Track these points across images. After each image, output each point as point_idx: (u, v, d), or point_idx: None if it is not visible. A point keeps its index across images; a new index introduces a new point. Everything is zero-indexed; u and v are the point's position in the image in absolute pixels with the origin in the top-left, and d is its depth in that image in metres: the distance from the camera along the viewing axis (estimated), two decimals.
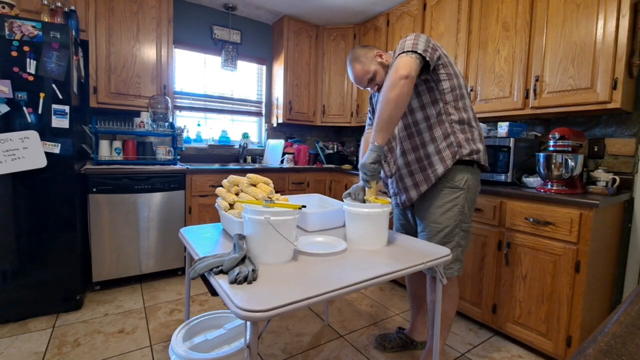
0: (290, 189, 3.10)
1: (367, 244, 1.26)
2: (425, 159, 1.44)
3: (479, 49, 2.26)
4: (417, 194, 1.47)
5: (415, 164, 1.46)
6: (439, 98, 1.40)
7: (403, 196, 1.53)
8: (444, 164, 1.40)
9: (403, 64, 1.27)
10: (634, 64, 1.71)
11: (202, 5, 3.14)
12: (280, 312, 0.78)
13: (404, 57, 1.29)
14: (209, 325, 1.46)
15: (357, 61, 1.50)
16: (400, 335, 1.79)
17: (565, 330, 1.60)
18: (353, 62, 1.52)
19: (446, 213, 1.43)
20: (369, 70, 1.49)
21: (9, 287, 1.88)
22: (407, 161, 1.48)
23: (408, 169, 1.48)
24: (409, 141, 1.48)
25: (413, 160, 1.46)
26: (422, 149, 1.44)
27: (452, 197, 1.43)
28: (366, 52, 1.52)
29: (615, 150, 1.93)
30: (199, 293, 2.36)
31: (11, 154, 1.82)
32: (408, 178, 1.49)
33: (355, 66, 1.51)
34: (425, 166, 1.44)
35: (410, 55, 1.29)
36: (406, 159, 1.48)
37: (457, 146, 1.40)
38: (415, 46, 1.30)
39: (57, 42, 1.89)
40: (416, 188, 1.47)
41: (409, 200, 1.50)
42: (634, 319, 0.45)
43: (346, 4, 3.04)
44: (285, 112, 3.39)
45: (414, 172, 1.47)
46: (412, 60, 1.28)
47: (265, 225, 1.00)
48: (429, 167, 1.43)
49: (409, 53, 1.29)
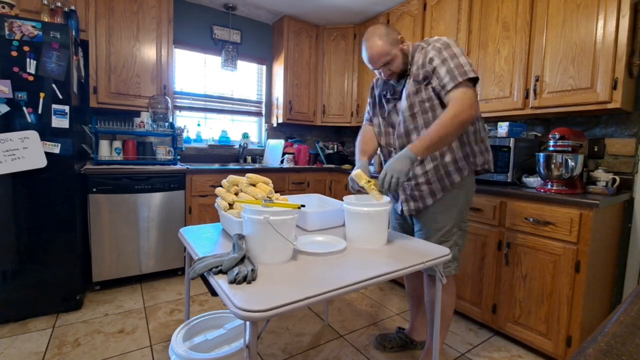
0: (290, 189, 3.10)
1: (366, 242, 1.26)
2: (442, 168, 1.43)
3: (479, 49, 2.26)
4: (433, 201, 1.46)
5: (433, 173, 1.43)
6: None
7: (417, 203, 1.48)
8: (461, 174, 1.43)
9: (472, 102, 1.27)
10: (634, 64, 1.71)
11: (202, 5, 3.14)
12: (279, 312, 0.78)
13: (470, 92, 1.28)
14: (209, 325, 1.46)
15: (380, 37, 1.36)
16: (400, 335, 1.78)
17: (565, 330, 1.60)
18: (373, 37, 1.37)
19: (444, 213, 1.44)
20: (389, 52, 1.37)
21: (9, 287, 1.88)
22: (425, 170, 1.44)
23: (426, 177, 1.45)
24: None
25: (431, 169, 1.43)
26: (441, 158, 1.42)
27: (450, 197, 1.44)
28: (390, 32, 1.39)
29: (615, 150, 1.93)
30: (199, 293, 2.36)
31: (11, 154, 1.82)
32: (425, 186, 1.46)
33: (375, 42, 1.36)
34: (443, 176, 1.43)
35: (472, 88, 1.30)
36: (424, 168, 1.44)
37: (472, 156, 1.44)
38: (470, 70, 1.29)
39: (57, 42, 1.89)
40: (432, 196, 1.45)
41: (424, 206, 1.48)
42: (634, 319, 0.45)
43: (346, 4, 3.04)
44: (285, 112, 3.39)
45: (431, 180, 1.44)
46: (475, 96, 1.30)
47: (264, 225, 1.00)
48: (446, 177, 1.43)
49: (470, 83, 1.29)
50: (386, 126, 1.55)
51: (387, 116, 1.54)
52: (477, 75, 1.30)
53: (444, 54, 1.33)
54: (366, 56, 1.41)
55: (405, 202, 1.52)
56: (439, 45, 1.35)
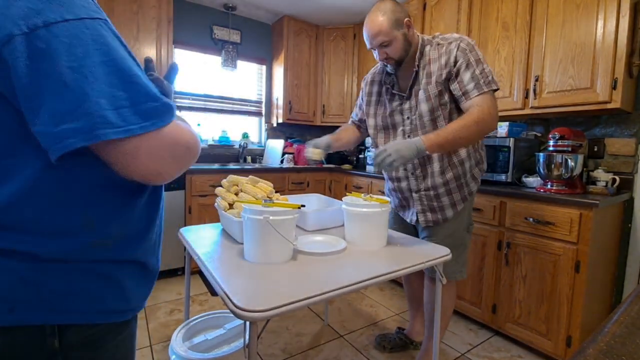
0: (290, 188, 3.10)
1: (366, 244, 1.25)
2: (462, 177, 1.40)
3: (479, 49, 2.25)
4: (453, 213, 1.41)
5: (454, 183, 1.39)
6: None
7: (437, 215, 1.43)
8: (477, 182, 1.44)
9: (495, 113, 1.24)
10: (634, 64, 1.71)
11: (202, 5, 3.14)
12: (279, 312, 0.78)
13: (494, 100, 1.25)
14: (209, 325, 1.46)
15: (383, 13, 1.24)
16: (399, 336, 1.78)
17: (565, 330, 1.60)
18: (377, 11, 1.25)
19: (459, 224, 1.45)
20: (389, 32, 1.25)
21: None
22: (446, 179, 1.39)
23: (446, 187, 1.39)
24: (447, 159, 1.37)
25: (451, 178, 1.38)
26: (460, 166, 1.38)
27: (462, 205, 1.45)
28: (397, 10, 1.26)
29: (615, 150, 1.93)
30: (198, 293, 2.36)
31: None
32: (445, 197, 1.40)
33: (376, 17, 1.25)
34: (463, 185, 1.40)
35: (494, 97, 1.27)
36: (444, 177, 1.38)
37: (480, 162, 1.45)
38: (494, 80, 1.27)
39: None
40: (453, 208, 1.41)
41: (444, 219, 1.42)
42: (634, 319, 0.45)
43: (346, 4, 3.04)
44: (285, 112, 3.39)
45: (452, 191, 1.40)
46: (496, 106, 1.27)
47: (264, 225, 1.00)
48: (465, 186, 1.41)
49: (493, 94, 1.27)
50: (386, 127, 1.48)
51: (389, 115, 1.46)
52: (498, 87, 1.28)
53: (469, 56, 1.26)
54: (365, 32, 1.30)
55: (422, 213, 1.45)
56: (464, 46, 1.27)
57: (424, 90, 1.33)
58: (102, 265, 0.50)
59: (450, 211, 1.41)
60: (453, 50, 1.28)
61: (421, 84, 1.34)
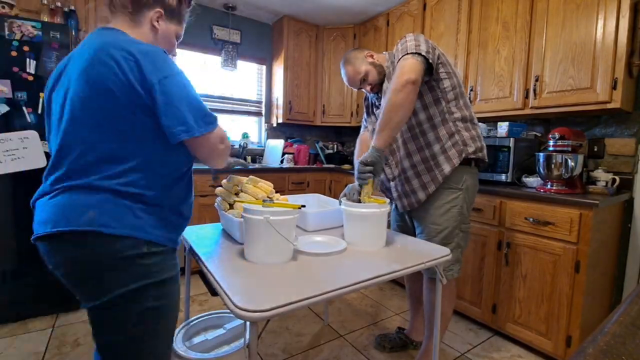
0: (290, 189, 3.10)
1: (364, 244, 1.24)
2: (431, 160, 1.42)
3: (479, 49, 2.26)
4: (425, 196, 1.44)
5: (422, 165, 1.44)
6: (441, 97, 1.39)
7: (410, 199, 1.49)
8: (451, 163, 1.40)
9: (409, 68, 1.25)
10: (634, 64, 1.71)
11: (202, 5, 3.14)
12: (280, 312, 0.78)
13: (409, 59, 1.27)
14: (209, 325, 1.46)
15: (348, 63, 1.53)
16: (399, 335, 1.79)
17: (565, 330, 1.60)
18: (345, 64, 1.54)
19: (445, 214, 1.43)
20: (360, 71, 1.50)
21: (9, 287, 1.88)
22: (413, 163, 1.45)
23: (414, 170, 1.45)
24: (413, 142, 1.45)
25: (419, 161, 1.44)
26: (428, 149, 1.42)
27: (451, 198, 1.42)
28: (356, 54, 1.54)
29: (615, 150, 1.93)
30: (199, 293, 2.36)
31: (11, 154, 1.81)
32: (415, 180, 1.46)
33: (347, 68, 1.53)
34: (432, 166, 1.42)
35: (415, 58, 1.27)
36: (411, 160, 1.46)
37: (462, 144, 1.40)
38: (418, 48, 1.28)
39: (56, 42, 1.89)
40: (424, 190, 1.44)
41: (417, 202, 1.47)
42: (634, 319, 0.45)
43: (346, 4, 3.04)
44: (285, 112, 3.39)
45: (421, 173, 1.44)
46: (417, 64, 1.26)
47: (265, 225, 1.00)
48: (436, 168, 1.41)
49: (414, 55, 1.27)
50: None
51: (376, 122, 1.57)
52: (420, 52, 1.27)
53: (399, 46, 1.35)
54: (346, 82, 1.58)
55: (398, 199, 1.54)
56: (402, 40, 1.37)
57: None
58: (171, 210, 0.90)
59: (422, 193, 1.45)
60: (397, 47, 1.37)
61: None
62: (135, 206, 0.82)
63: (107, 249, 0.78)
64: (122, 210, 0.80)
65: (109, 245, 0.78)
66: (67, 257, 0.80)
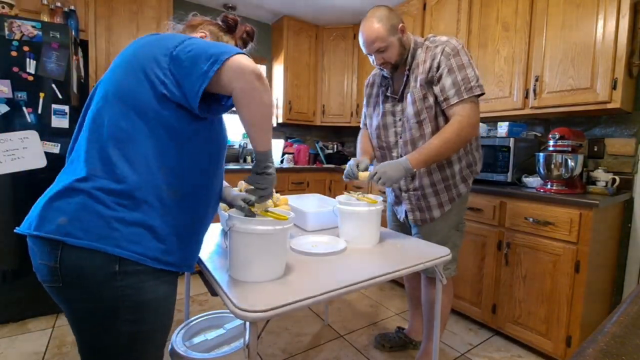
0: (290, 189, 3.10)
1: (357, 242, 1.26)
2: (451, 179, 1.41)
3: (479, 49, 2.26)
4: (440, 214, 1.44)
5: (442, 184, 1.41)
6: None
7: (424, 214, 1.46)
8: (467, 184, 1.44)
9: (476, 120, 1.27)
10: (634, 64, 1.71)
11: (202, 5, 3.14)
12: (279, 312, 0.78)
13: (474, 107, 1.26)
14: (209, 325, 1.46)
15: (379, 20, 1.28)
16: (399, 335, 1.78)
17: (565, 330, 1.60)
18: (372, 18, 1.29)
19: (445, 222, 1.45)
20: (385, 39, 1.28)
21: (9, 287, 1.88)
22: (433, 181, 1.41)
23: (433, 188, 1.42)
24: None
25: (439, 179, 1.41)
26: (449, 168, 1.40)
27: (451, 207, 1.45)
28: (391, 16, 1.29)
29: (615, 150, 1.93)
30: (199, 293, 2.36)
31: (11, 154, 1.82)
32: (432, 197, 1.43)
33: (372, 24, 1.28)
34: (451, 186, 1.42)
35: (476, 102, 1.27)
36: (432, 178, 1.41)
37: (474, 164, 1.44)
38: (478, 81, 1.26)
39: (56, 42, 1.89)
40: (440, 208, 1.43)
41: (431, 219, 1.45)
42: (634, 319, 0.45)
43: (346, 4, 3.04)
44: (285, 112, 3.39)
45: (439, 192, 1.42)
46: (477, 110, 1.28)
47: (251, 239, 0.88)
48: (454, 188, 1.42)
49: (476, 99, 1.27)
50: (382, 127, 1.50)
51: (382, 116, 1.49)
52: (483, 92, 1.28)
53: (452, 62, 1.26)
54: (361, 38, 1.33)
55: (411, 212, 1.50)
56: (448, 51, 1.27)
57: (411, 93, 1.36)
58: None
59: (437, 211, 1.44)
60: (437, 54, 1.29)
61: (410, 87, 1.37)
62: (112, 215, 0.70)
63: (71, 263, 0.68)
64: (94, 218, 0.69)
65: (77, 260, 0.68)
66: (37, 263, 0.74)
